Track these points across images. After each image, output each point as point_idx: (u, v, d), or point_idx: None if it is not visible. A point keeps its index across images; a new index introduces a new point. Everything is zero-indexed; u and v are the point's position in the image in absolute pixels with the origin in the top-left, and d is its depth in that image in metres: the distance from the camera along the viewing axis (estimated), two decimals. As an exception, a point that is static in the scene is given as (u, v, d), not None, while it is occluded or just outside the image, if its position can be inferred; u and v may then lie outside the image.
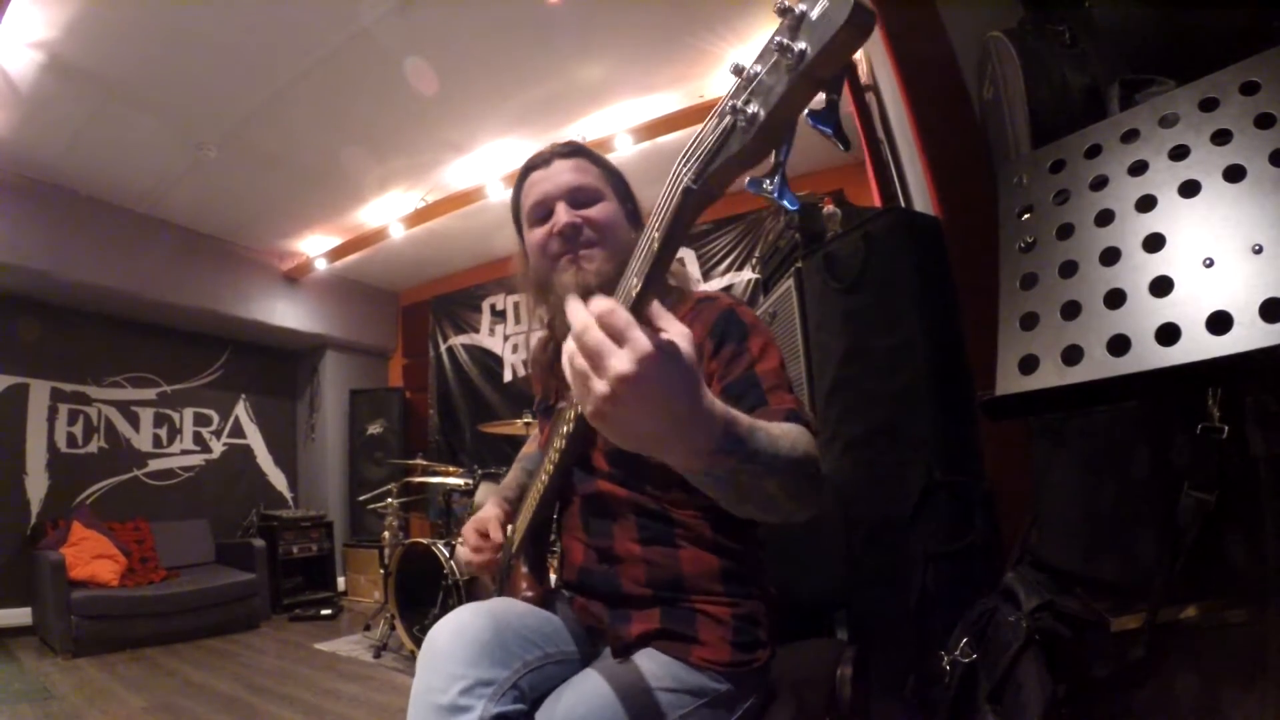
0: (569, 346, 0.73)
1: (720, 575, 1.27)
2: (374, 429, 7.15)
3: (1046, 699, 1.28)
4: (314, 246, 6.59)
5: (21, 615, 5.41)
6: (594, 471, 1.35)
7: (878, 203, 3.19)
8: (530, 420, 4.50)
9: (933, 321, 2.06)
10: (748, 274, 5.41)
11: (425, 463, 5.43)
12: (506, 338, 6.64)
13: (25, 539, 5.59)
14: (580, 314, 0.71)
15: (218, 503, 6.78)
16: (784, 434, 0.95)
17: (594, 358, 0.69)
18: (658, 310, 0.76)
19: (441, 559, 4.05)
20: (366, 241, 6.26)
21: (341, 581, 6.87)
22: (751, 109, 0.63)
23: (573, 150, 1.47)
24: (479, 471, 4.67)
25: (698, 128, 0.70)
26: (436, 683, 1.07)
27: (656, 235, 0.76)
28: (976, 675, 1.49)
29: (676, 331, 0.73)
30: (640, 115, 4.53)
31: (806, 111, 0.63)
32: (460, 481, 4.76)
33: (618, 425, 0.73)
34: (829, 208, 2.89)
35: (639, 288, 0.79)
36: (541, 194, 1.44)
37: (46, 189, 5.30)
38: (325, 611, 5.98)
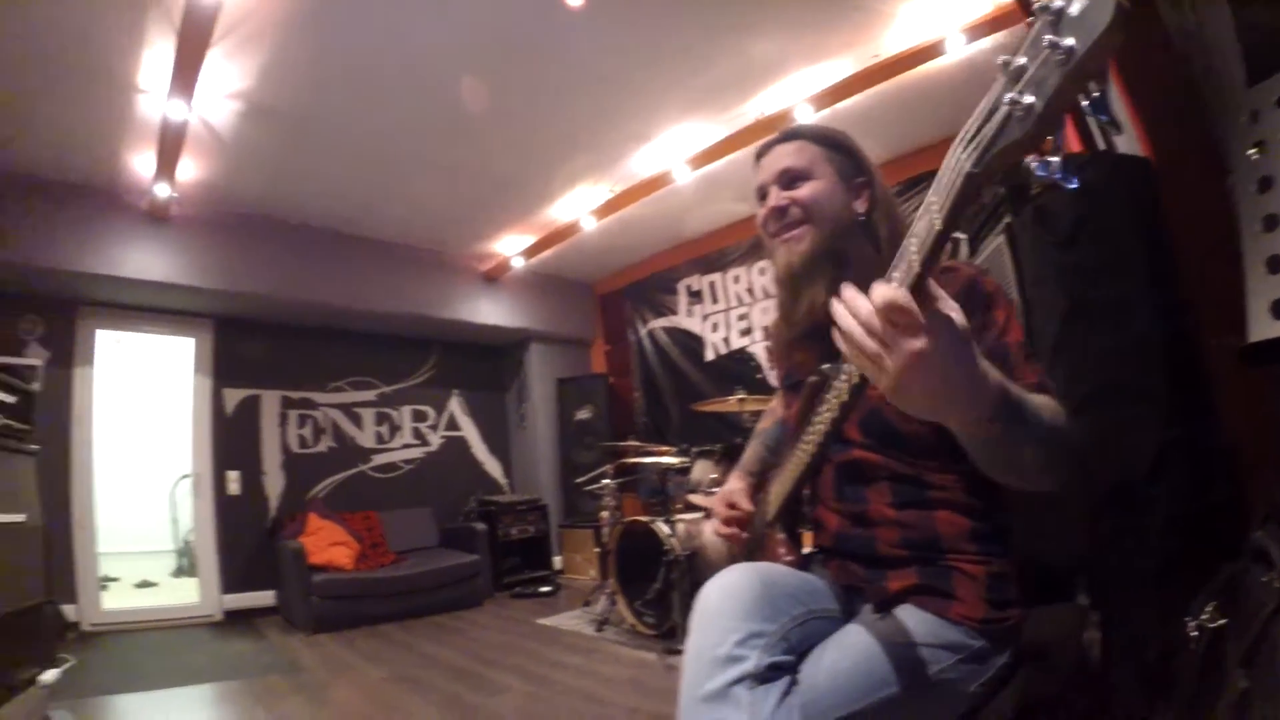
0: (854, 329, 0.82)
1: (973, 535, 1.29)
2: (582, 415, 7.32)
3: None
4: (510, 246, 6.78)
5: (266, 597, 6.05)
6: (848, 441, 1.39)
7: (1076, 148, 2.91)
8: (743, 396, 4.47)
9: (1157, 270, 1.85)
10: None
11: (637, 443, 5.47)
12: (705, 317, 6.60)
13: (267, 531, 6.20)
14: (862, 302, 0.81)
15: (439, 491, 7.14)
16: (1043, 405, 1.01)
17: (886, 340, 0.79)
18: (933, 288, 0.80)
19: (661, 535, 4.03)
20: (560, 237, 6.38)
21: (558, 560, 7.04)
22: (1027, 100, 0.65)
23: (791, 134, 1.53)
24: (693, 450, 4.70)
25: (973, 116, 0.72)
26: (713, 637, 1.15)
27: (939, 217, 0.76)
28: (1225, 640, 1.36)
29: (950, 307, 0.80)
30: (816, 84, 4.36)
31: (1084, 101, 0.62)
32: (674, 460, 4.80)
33: (910, 397, 0.82)
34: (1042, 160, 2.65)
35: (919, 268, 0.79)
36: (760, 180, 1.53)
37: (258, 221, 5.90)
38: (544, 589, 6.13)
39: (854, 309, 0.82)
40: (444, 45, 3.89)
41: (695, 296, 6.73)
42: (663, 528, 4.08)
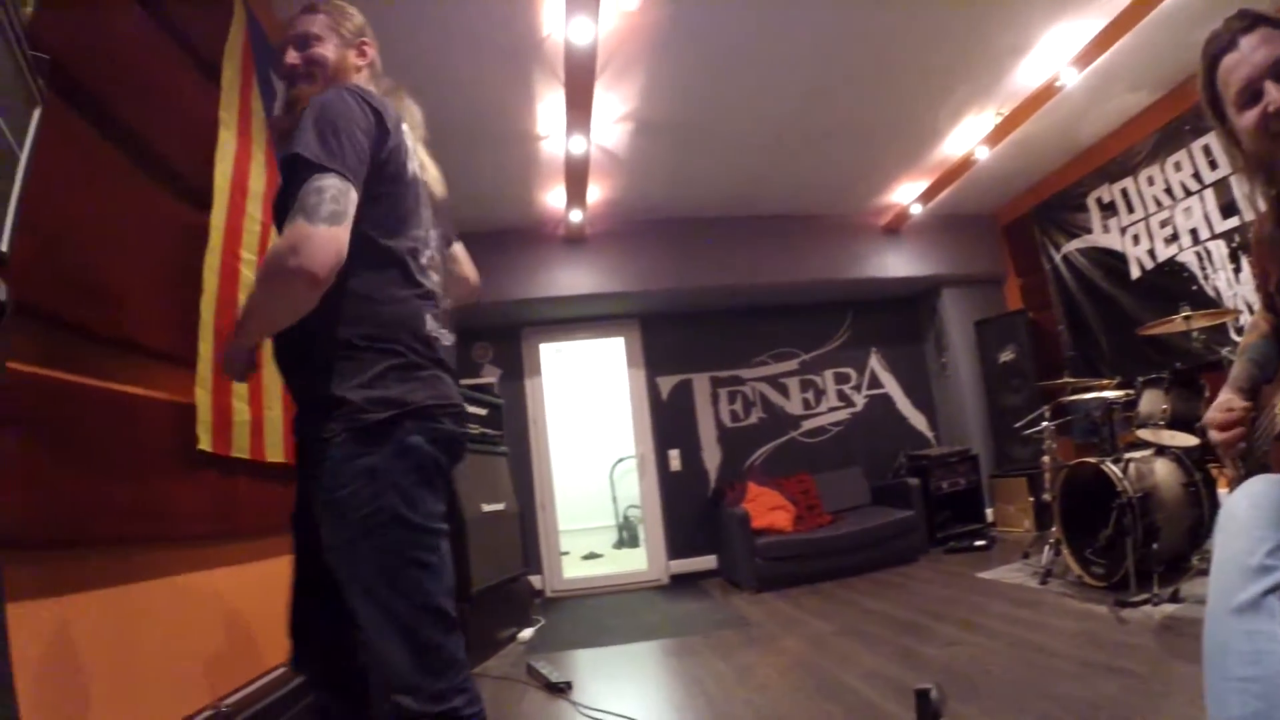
0: None
1: None
2: (1005, 356, 6.86)
3: None
4: (905, 194, 6.62)
5: (708, 561, 6.71)
6: None
7: None
8: (1189, 314, 3.94)
9: None
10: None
11: (1073, 380, 5.03)
12: (1123, 230, 5.78)
13: (708, 500, 6.83)
14: None
15: (867, 449, 7.21)
16: None
17: None
18: None
19: (1114, 477, 3.65)
20: (954, 175, 6.10)
21: (989, 513, 6.70)
22: None
23: (1251, 22, 1.34)
24: (1139, 380, 4.20)
25: None
26: (1242, 545, 1.13)
27: None
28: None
29: None
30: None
31: None
32: (1118, 394, 4.33)
33: None
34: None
35: None
36: (1243, 78, 1.33)
37: (662, 223, 6.57)
38: (979, 543, 5.90)
39: None
40: (801, 19, 3.97)
41: (1108, 209, 5.93)
42: (1113, 469, 3.70)
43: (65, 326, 1.80)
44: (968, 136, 5.59)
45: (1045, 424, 4.88)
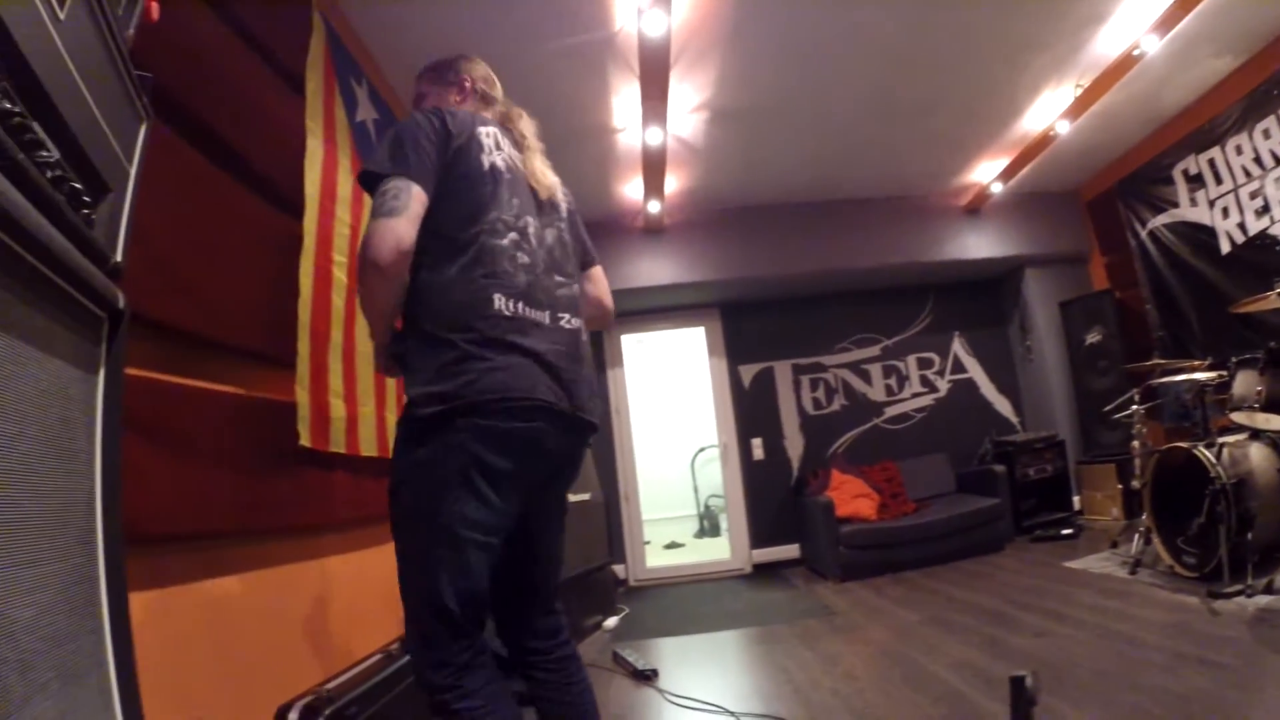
0: None
1: None
2: (1091, 338, 6.67)
3: None
4: (985, 173, 6.48)
5: (791, 550, 6.76)
6: None
7: None
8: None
9: None
10: None
11: (1162, 361, 4.89)
12: (1212, 203, 5.53)
13: (791, 489, 6.86)
14: None
15: (951, 436, 7.11)
16: None
17: None
18: None
19: (1206, 463, 3.55)
20: (1034, 151, 5.94)
21: (1076, 500, 6.53)
22: None
23: None
24: (1232, 360, 4.07)
25: None
26: None
27: None
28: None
29: None
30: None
31: None
32: (1210, 375, 4.19)
33: None
34: None
35: None
36: None
37: (739, 211, 6.63)
38: (1065, 531, 5.76)
39: None
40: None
41: (1195, 181, 5.69)
42: (1206, 454, 3.62)
43: (176, 333, 1.95)
44: (1047, 111, 5.45)
45: (1134, 408, 4.78)
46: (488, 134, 1.78)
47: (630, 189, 5.89)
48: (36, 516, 0.87)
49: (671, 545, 8.31)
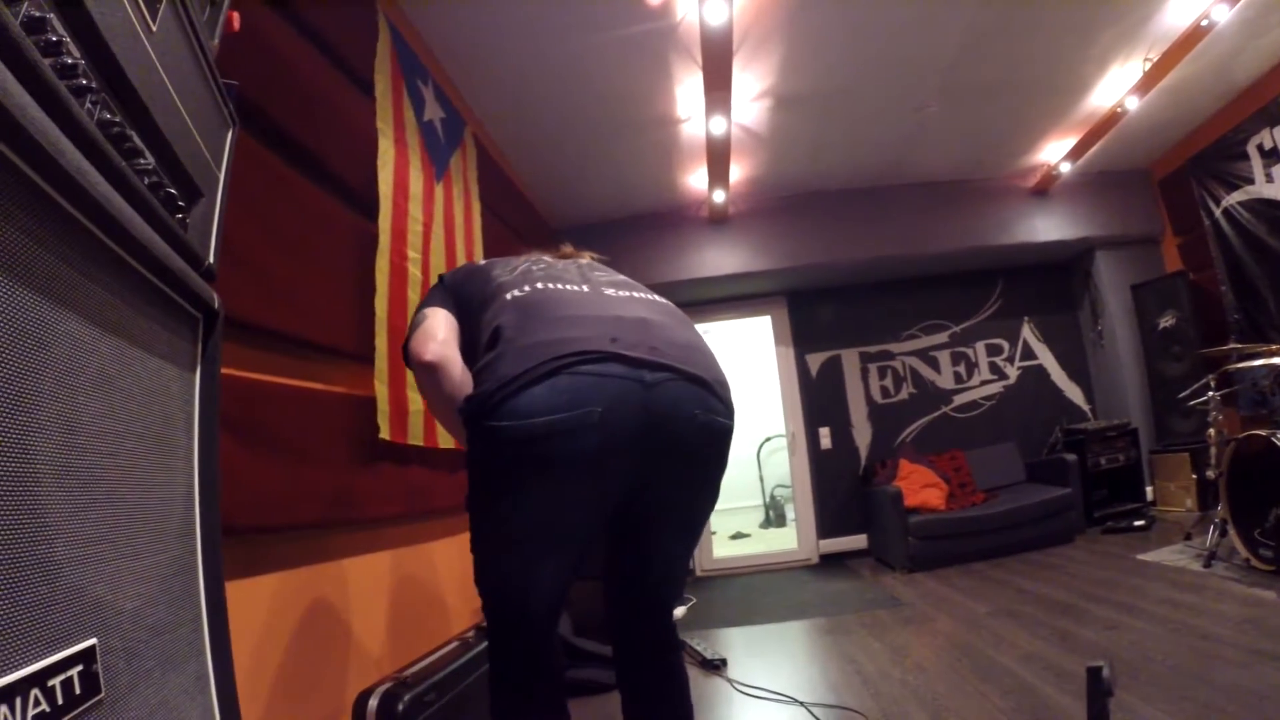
0: None
1: None
2: (1165, 322, 6.48)
3: None
4: (1053, 153, 6.35)
5: (858, 540, 6.75)
6: None
7: None
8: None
9: None
10: None
11: (1239, 346, 4.75)
12: None
13: (859, 479, 6.85)
14: None
15: (1020, 424, 7.02)
16: None
17: None
18: None
19: None
20: (1103, 129, 5.79)
21: (1149, 491, 6.40)
22: None
23: None
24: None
25: None
26: None
27: None
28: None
29: None
30: None
31: None
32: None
33: None
34: None
35: None
36: None
37: (804, 198, 6.62)
38: (1138, 523, 5.63)
39: None
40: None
41: (1270, 156, 5.48)
42: (1288, 442, 3.53)
43: (263, 332, 2.07)
44: (1116, 86, 5.31)
45: (1209, 394, 4.66)
46: (502, 263, 1.84)
47: (695, 179, 5.95)
48: (141, 511, 0.91)
49: (737, 535, 8.39)
